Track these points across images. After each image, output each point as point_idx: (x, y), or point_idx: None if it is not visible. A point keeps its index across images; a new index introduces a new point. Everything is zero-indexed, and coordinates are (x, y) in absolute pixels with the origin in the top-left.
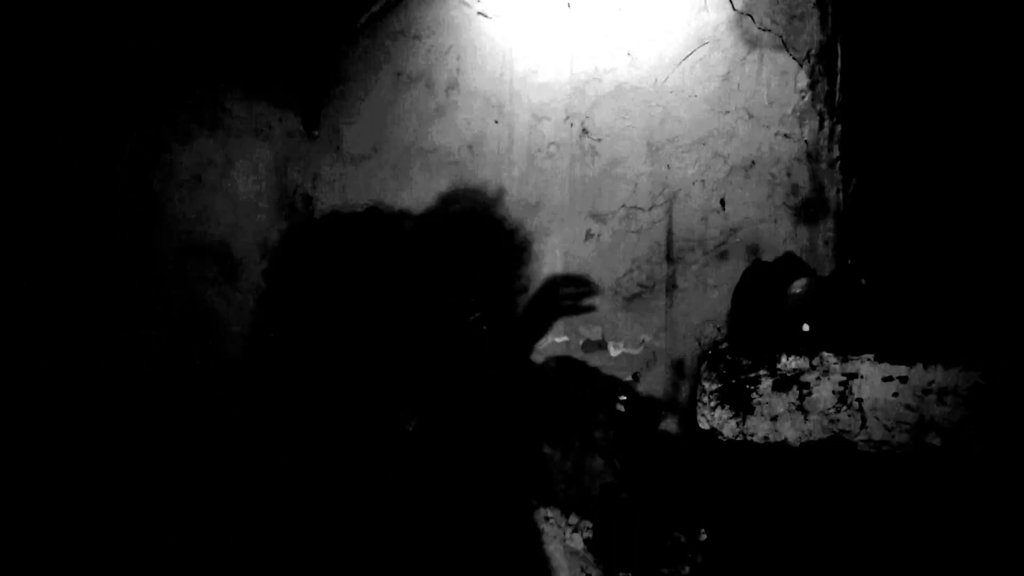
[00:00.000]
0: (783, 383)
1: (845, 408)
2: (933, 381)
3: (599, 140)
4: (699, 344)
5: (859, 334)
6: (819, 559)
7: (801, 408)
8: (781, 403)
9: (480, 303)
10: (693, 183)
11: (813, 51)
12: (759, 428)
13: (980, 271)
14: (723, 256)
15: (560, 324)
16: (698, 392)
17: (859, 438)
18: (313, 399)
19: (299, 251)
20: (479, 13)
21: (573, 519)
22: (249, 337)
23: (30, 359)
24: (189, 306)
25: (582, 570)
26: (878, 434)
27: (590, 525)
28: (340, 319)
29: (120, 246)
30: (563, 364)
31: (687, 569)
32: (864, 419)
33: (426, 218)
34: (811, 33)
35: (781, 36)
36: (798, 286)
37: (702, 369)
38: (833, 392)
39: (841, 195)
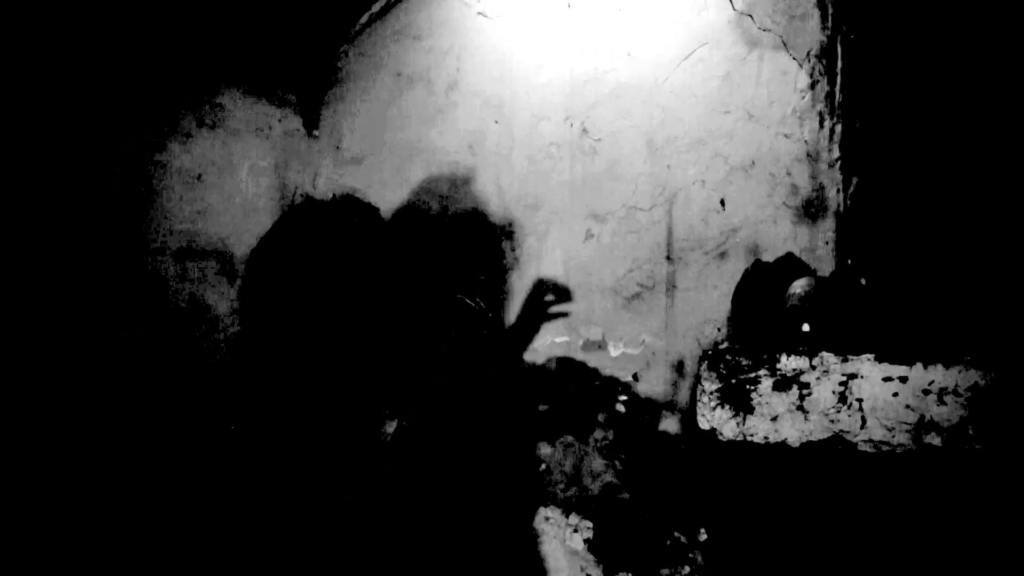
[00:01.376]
0: (783, 383)
1: (845, 408)
2: (933, 381)
3: (599, 140)
4: (699, 344)
5: (859, 334)
6: (819, 559)
7: (801, 408)
8: (781, 403)
9: (483, 290)
10: (693, 183)
11: (813, 51)
12: (759, 428)
13: (980, 271)
14: (723, 256)
15: (560, 324)
16: (698, 392)
17: (859, 438)
18: (294, 401)
19: (279, 246)
20: (479, 13)
21: (573, 519)
22: (241, 335)
23: (30, 359)
24: (189, 306)
25: (582, 570)
26: (878, 434)
27: (590, 525)
28: (319, 318)
29: (120, 246)
30: (563, 364)
31: (687, 569)
32: (864, 419)
33: (425, 218)
34: (811, 33)
35: (781, 36)
36: (798, 286)
37: (702, 369)
38: (833, 392)
39: (841, 195)
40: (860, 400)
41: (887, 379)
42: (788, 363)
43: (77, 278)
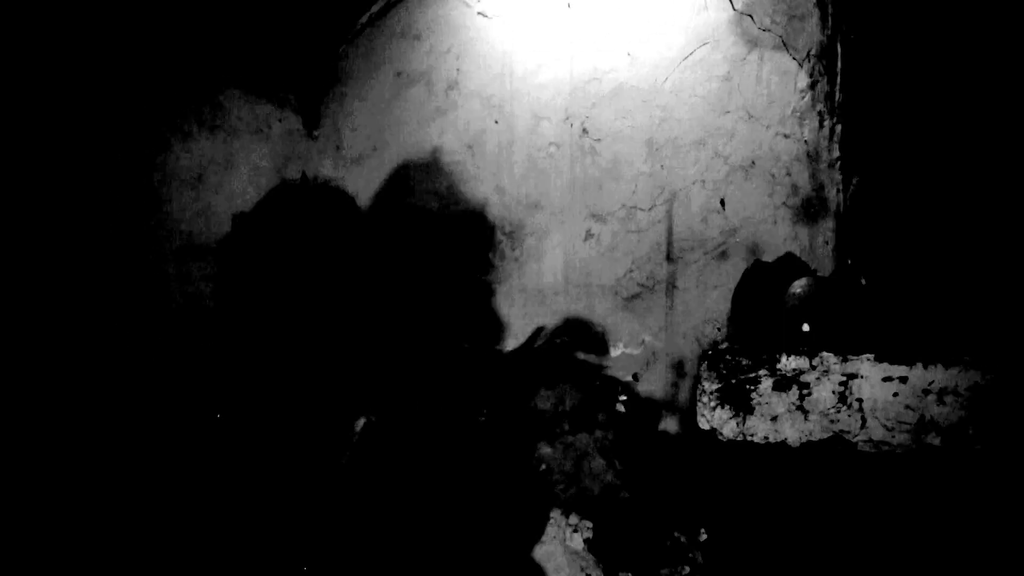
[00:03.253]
0: (783, 383)
1: (845, 408)
2: (933, 381)
3: (599, 140)
4: (699, 344)
5: (859, 334)
6: (819, 559)
7: (801, 408)
8: (781, 403)
9: (488, 402)
10: (693, 183)
11: (813, 51)
12: (759, 428)
13: (980, 271)
14: (723, 256)
15: (561, 324)
16: (698, 392)
17: (859, 438)
18: (268, 395)
19: (255, 232)
20: (479, 13)
21: (573, 519)
22: (223, 325)
23: (31, 359)
24: (189, 304)
25: (582, 570)
26: (878, 434)
27: (590, 525)
28: (290, 309)
29: (121, 245)
30: (563, 364)
31: (687, 569)
32: (864, 419)
33: (425, 217)
34: (811, 33)
35: (781, 36)
36: (798, 286)
37: (702, 369)
38: (833, 392)
39: (841, 195)
40: (860, 400)
41: (887, 379)
42: (788, 363)
43: (78, 278)
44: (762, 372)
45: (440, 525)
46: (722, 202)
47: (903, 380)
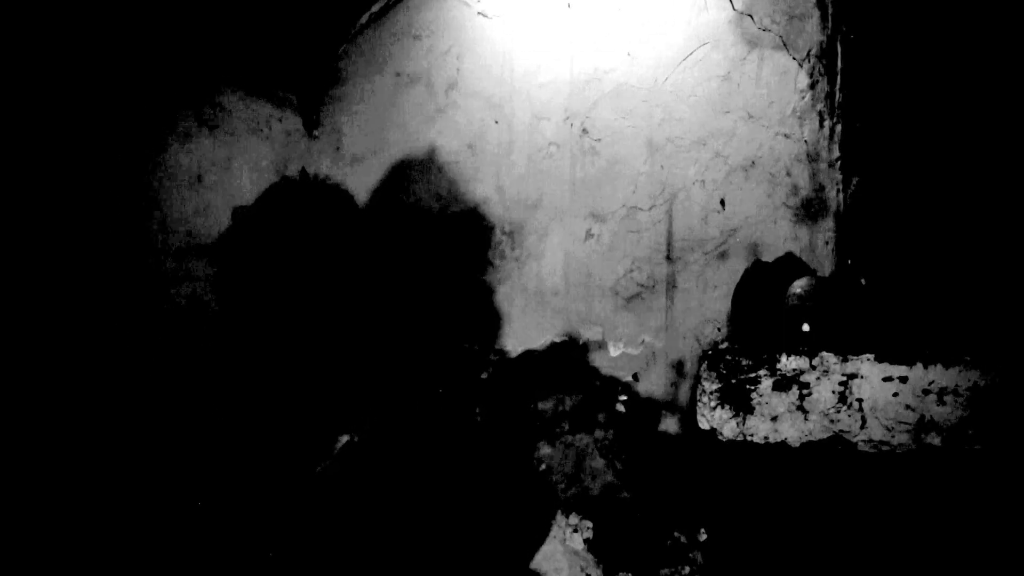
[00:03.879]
0: (783, 383)
1: (845, 408)
2: (933, 381)
3: (599, 140)
4: (699, 344)
5: (859, 334)
6: (819, 558)
7: (801, 408)
8: (781, 403)
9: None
10: (693, 183)
11: (813, 51)
12: (759, 428)
13: (980, 271)
14: (723, 256)
15: (560, 324)
16: (698, 392)
17: (859, 438)
18: (256, 399)
19: (250, 244)
20: (479, 13)
21: (573, 519)
22: (220, 323)
23: (31, 359)
24: (189, 305)
25: (582, 570)
26: (878, 434)
27: (590, 525)
28: (280, 311)
29: (120, 246)
30: (563, 364)
31: (687, 569)
32: (864, 419)
33: (424, 217)
34: (811, 33)
35: (781, 36)
36: (798, 286)
37: (702, 369)
38: (833, 392)
39: (841, 195)
40: (860, 400)
41: (887, 379)
42: (788, 363)
43: (78, 278)
44: (762, 372)
45: (433, 528)
46: (722, 202)
47: (903, 380)
